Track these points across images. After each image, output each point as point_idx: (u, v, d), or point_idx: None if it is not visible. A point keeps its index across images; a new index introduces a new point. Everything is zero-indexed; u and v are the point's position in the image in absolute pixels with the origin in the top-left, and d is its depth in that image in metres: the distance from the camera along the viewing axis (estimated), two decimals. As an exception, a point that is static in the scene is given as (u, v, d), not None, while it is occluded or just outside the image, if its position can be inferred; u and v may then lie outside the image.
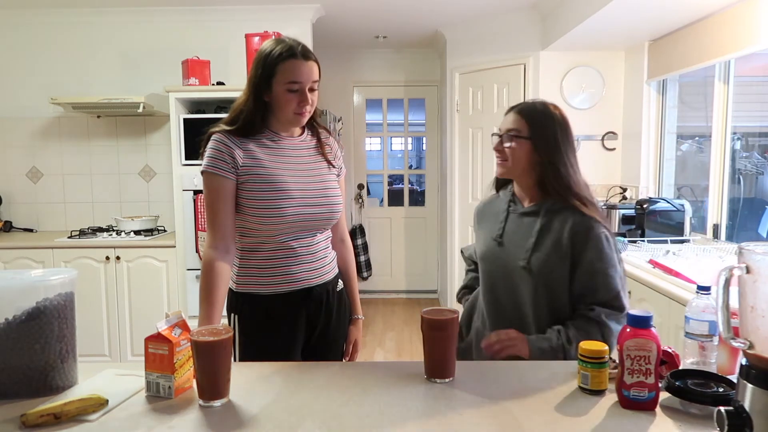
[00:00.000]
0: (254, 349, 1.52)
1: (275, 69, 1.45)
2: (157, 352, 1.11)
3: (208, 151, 1.48)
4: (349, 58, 5.35)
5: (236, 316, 1.54)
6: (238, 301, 1.54)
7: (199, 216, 3.41)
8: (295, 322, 1.55)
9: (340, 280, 1.66)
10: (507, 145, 1.46)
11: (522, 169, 1.48)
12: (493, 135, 1.54)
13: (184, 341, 1.14)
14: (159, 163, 4.01)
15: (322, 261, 1.58)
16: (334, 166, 1.62)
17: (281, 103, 1.48)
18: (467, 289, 1.76)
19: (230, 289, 1.55)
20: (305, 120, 1.53)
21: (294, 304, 1.54)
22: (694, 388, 1.05)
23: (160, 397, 1.11)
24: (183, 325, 1.17)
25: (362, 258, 5.50)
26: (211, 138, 1.49)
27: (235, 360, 1.52)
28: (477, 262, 1.68)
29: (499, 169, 1.52)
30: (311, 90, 1.49)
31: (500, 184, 1.64)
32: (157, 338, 1.12)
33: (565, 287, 1.43)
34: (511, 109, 1.52)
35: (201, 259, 1.53)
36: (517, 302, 1.47)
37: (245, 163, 1.47)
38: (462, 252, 1.84)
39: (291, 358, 1.53)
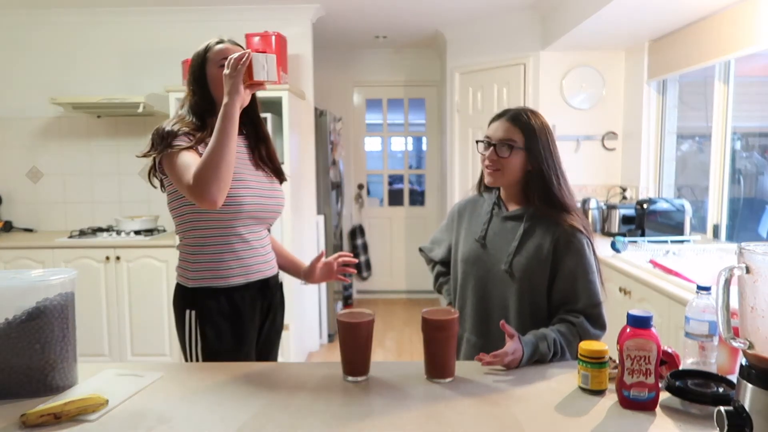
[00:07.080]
0: (217, 342, 1.51)
1: (206, 57, 1.52)
2: None
3: (176, 139, 1.43)
4: (349, 58, 5.35)
5: (192, 312, 1.52)
6: (193, 297, 1.53)
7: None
8: (254, 313, 1.59)
9: (280, 273, 1.74)
10: (504, 155, 1.45)
11: (514, 178, 1.48)
12: (478, 142, 1.52)
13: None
14: (159, 163, 4.00)
15: (271, 254, 1.66)
16: (280, 173, 1.67)
17: (216, 84, 1.49)
18: (442, 276, 1.74)
19: (181, 286, 1.57)
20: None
21: (252, 295, 1.58)
22: (694, 388, 1.05)
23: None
24: None
25: (362, 258, 5.49)
26: (177, 134, 1.44)
27: (197, 355, 1.52)
28: (447, 262, 1.69)
29: (491, 179, 1.50)
30: None
31: (485, 186, 1.61)
32: None
33: (544, 292, 1.44)
34: (500, 116, 1.50)
35: (193, 183, 1.37)
36: (501, 304, 1.48)
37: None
38: (423, 251, 1.79)
39: (250, 348, 1.58)
